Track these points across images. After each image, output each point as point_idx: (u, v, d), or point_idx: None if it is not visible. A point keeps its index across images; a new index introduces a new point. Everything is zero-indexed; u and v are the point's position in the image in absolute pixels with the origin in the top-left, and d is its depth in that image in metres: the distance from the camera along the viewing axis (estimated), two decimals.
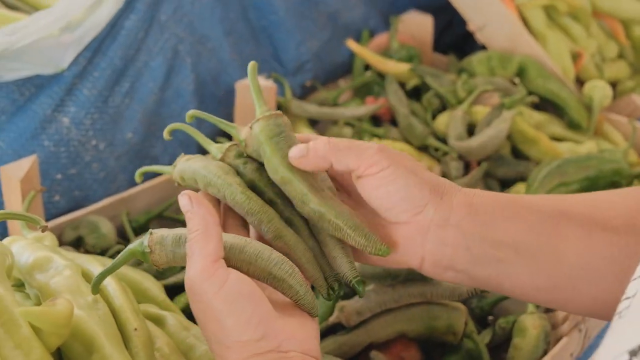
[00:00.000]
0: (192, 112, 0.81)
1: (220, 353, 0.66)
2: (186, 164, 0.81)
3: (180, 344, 0.79)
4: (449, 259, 0.73)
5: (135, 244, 0.70)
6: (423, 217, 0.72)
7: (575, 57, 1.42)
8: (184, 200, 0.69)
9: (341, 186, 0.79)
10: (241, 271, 0.67)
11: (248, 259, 0.68)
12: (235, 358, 0.64)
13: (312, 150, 0.73)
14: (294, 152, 0.73)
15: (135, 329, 0.73)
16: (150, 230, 0.70)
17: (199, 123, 1.25)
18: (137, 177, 0.84)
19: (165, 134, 0.81)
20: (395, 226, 0.73)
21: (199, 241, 0.66)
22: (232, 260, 0.68)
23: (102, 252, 1.03)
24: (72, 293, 0.73)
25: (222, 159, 0.80)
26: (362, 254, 0.75)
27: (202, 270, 0.65)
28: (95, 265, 0.81)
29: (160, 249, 0.69)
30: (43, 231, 0.73)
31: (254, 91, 0.79)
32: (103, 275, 0.72)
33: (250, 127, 0.77)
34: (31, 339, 0.63)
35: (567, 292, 0.71)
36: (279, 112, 0.77)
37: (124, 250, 0.71)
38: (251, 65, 0.79)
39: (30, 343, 0.63)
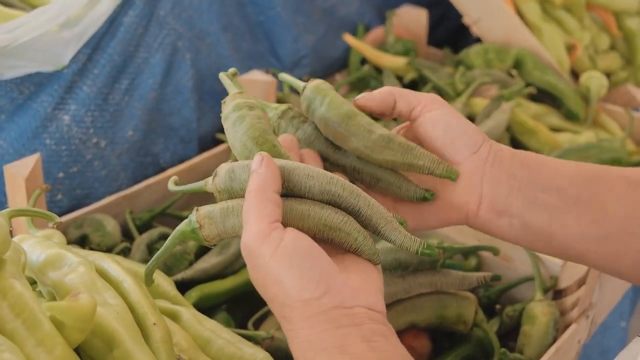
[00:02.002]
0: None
1: (283, 315, 0.63)
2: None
3: (196, 339, 0.79)
4: (504, 201, 0.73)
5: (182, 224, 0.68)
6: (479, 157, 0.74)
7: (570, 49, 1.43)
8: (257, 157, 0.66)
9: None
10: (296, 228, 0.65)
11: (300, 215, 0.66)
12: (299, 318, 0.62)
13: (377, 90, 0.76)
14: (360, 96, 0.76)
15: (154, 324, 0.72)
16: (195, 207, 0.68)
17: (199, 116, 1.25)
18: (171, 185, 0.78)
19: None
20: (454, 165, 0.75)
21: (255, 204, 0.64)
22: (286, 219, 0.66)
23: (108, 250, 1.02)
24: (89, 290, 0.72)
25: (280, 117, 0.78)
26: (425, 219, 0.76)
27: (258, 233, 0.63)
28: (108, 261, 0.80)
29: (209, 223, 0.66)
30: (58, 228, 0.72)
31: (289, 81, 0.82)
32: (154, 263, 0.70)
33: (303, 89, 0.77)
34: (54, 336, 0.62)
35: (616, 245, 0.72)
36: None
37: (173, 232, 0.69)
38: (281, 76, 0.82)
39: (53, 340, 0.62)
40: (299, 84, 0.78)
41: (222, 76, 0.79)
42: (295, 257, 0.62)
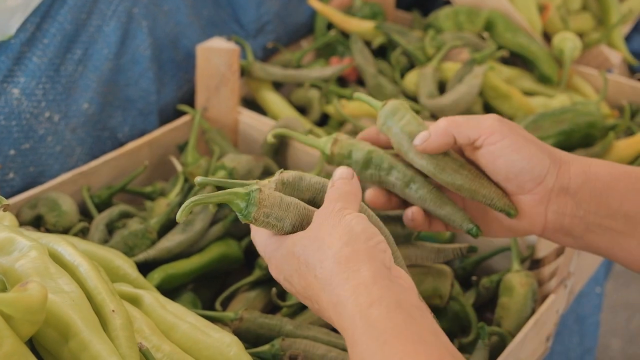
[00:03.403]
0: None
1: (339, 259, 0.64)
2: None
3: (159, 324, 0.74)
4: (567, 227, 0.76)
5: (240, 187, 0.69)
6: (543, 187, 0.75)
7: (541, 9, 1.39)
8: (348, 171, 0.73)
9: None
10: None
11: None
12: (359, 258, 0.63)
13: (433, 130, 0.76)
14: (417, 140, 0.77)
15: (113, 311, 0.67)
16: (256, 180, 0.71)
17: (158, 88, 1.19)
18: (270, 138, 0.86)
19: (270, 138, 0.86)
20: (517, 197, 0.77)
21: (345, 193, 0.70)
22: None
23: (65, 231, 0.96)
24: (41, 276, 0.67)
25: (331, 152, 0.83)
26: (488, 226, 0.80)
27: (339, 205, 0.68)
28: (62, 244, 0.74)
29: (268, 198, 0.69)
30: (5, 210, 0.66)
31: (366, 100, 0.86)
32: (193, 204, 0.68)
33: (382, 106, 0.82)
34: (2, 329, 0.57)
35: None
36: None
37: (227, 191, 0.69)
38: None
39: (1, 333, 0.57)
40: (376, 103, 0.82)
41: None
42: (366, 220, 0.66)
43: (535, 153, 0.74)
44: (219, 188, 0.72)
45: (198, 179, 0.70)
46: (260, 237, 0.74)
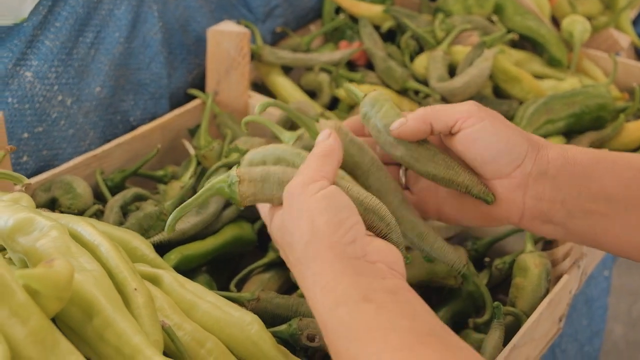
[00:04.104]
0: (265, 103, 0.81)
1: (305, 255, 0.64)
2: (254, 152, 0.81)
3: (180, 303, 0.75)
4: (546, 214, 0.74)
5: (219, 179, 0.72)
6: (521, 171, 0.74)
7: None
8: (326, 131, 0.73)
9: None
10: None
11: (342, 188, 0.69)
12: (322, 260, 0.63)
13: (410, 117, 0.76)
14: (394, 125, 0.76)
15: (135, 289, 0.68)
16: (235, 165, 0.73)
17: (169, 72, 1.19)
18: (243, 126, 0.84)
19: (243, 127, 0.83)
20: (494, 182, 0.75)
21: (314, 160, 0.69)
22: None
23: (79, 214, 0.96)
24: (63, 255, 0.68)
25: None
26: (465, 214, 0.79)
27: (307, 178, 0.67)
28: (82, 224, 0.74)
29: (249, 180, 0.71)
30: (27, 190, 0.67)
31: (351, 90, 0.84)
32: (181, 212, 0.72)
33: (362, 97, 0.81)
34: (28, 305, 0.58)
35: None
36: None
37: (207, 186, 0.72)
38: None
39: (28, 309, 0.57)
40: (359, 94, 0.82)
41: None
42: (333, 203, 0.65)
43: (514, 135, 0.73)
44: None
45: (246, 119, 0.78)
46: (262, 212, 0.76)
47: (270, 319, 0.85)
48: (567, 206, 0.73)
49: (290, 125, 1.13)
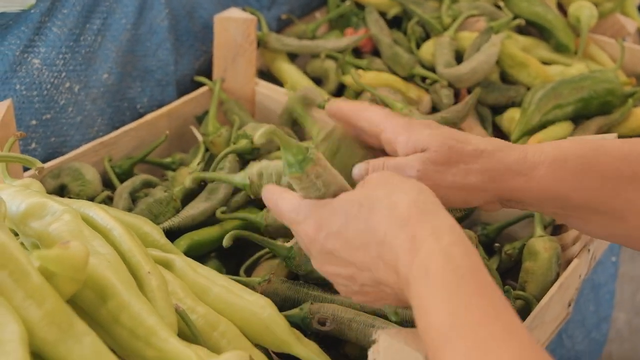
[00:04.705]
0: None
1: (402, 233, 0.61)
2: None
3: (192, 287, 0.75)
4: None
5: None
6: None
7: None
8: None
9: None
10: None
11: None
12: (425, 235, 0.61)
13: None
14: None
15: (149, 272, 0.68)
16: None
17: (176, 59, 1.18)
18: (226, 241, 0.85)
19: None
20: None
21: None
22: None
23: (89, 200, 0.96)
24: (76, 239, 0.68)
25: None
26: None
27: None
28: (94, 209, 0.75)
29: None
30: (40, 173, 0.67)
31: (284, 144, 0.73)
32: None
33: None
34: (44, 287, 0.58)
35: None
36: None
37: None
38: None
39: (44, 291, 0.57)
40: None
41: None
42: None
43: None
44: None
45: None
46: (289, 202, 0.69)
47: (280, 303, 0.85)
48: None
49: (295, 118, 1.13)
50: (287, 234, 0.89)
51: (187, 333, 0.69)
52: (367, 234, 0.64)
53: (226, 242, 0.84)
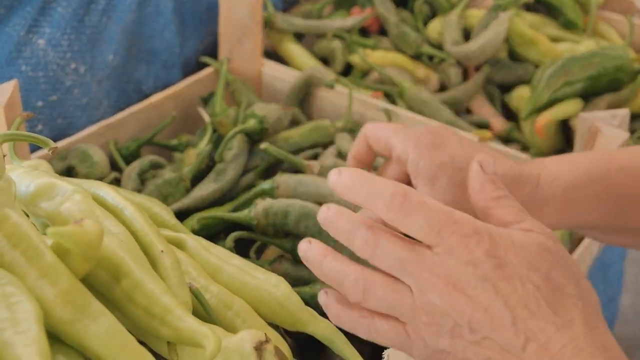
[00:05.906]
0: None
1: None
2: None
3: (205, 266, 0.74)
4: None
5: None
6: None
7: None
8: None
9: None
10: None
11: None
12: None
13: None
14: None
15: (162, 251, 0.67)
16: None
17: (181, 40, 1.17)
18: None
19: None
20: None
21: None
22: None
23: None
24: (88, 218, 0.67)
25: None
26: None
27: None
28: (104, 189, 0.74)
29: None
30: (53, 153, 0.66)
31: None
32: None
33: None
34: (58, 266, 0.57)
35: None
36: None
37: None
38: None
39: (57, 270, 0.57)
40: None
41: None
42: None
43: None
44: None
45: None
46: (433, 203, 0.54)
47: (292, 284, 0.84)
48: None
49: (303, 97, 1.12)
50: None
51: (201, 312, 0.68)
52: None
53: (228, 244, 0.83)
